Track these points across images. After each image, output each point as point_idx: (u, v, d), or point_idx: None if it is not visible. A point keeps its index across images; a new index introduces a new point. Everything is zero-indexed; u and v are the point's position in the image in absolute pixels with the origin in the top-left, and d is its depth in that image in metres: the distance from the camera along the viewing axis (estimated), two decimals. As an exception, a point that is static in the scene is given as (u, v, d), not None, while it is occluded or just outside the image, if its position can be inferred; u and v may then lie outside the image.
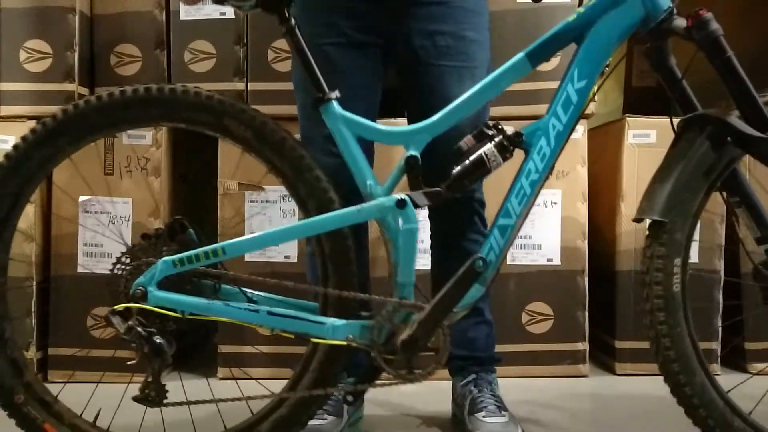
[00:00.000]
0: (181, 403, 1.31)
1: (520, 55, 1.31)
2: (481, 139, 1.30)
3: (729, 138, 1.24)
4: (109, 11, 2.23)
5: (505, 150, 1.29)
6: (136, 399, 1.29)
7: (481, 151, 1.29)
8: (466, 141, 1.30)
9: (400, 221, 1.31)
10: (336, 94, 1.33)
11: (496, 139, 1.29)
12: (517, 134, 1.30)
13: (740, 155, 1.28)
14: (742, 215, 1.34)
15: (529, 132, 1.30)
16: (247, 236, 1.35)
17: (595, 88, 1.31)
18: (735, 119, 1.23)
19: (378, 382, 1.36)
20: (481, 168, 1.29)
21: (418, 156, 1.31)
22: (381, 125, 1.40)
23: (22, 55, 2.15)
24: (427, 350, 1.31)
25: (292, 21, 1.32)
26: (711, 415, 1.28)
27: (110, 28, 2.22)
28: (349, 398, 1.49)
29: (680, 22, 1.24)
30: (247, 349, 2.09)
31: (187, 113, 1.33)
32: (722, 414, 1.28)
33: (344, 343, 1.30)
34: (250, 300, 1.34)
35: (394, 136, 1.38)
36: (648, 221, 1.30)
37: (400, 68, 1.65)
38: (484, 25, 1.63)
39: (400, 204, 1.30)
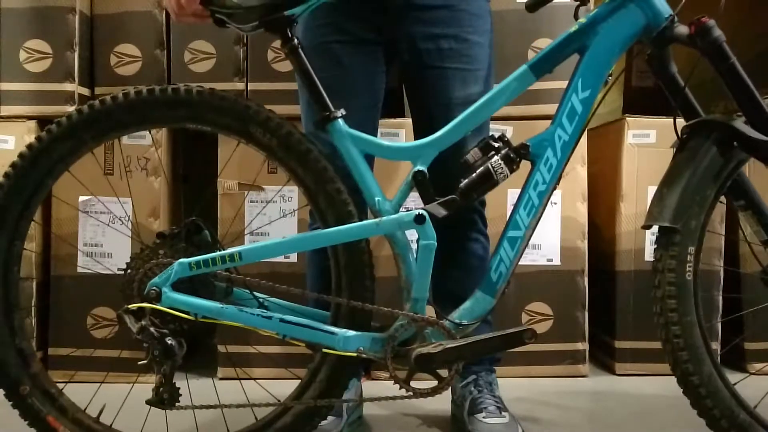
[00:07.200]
0: (191, 407, 1.31)
1: (524, 67, 1.32)
2: (488, 151, 1.30)
3: (735, 143, 1.24)
4: (109, 11, 2.22)
5: (511, 162, 1.30)
6: (149, 402, 1.27)
7: (488, 164, 1.29)
8: (473, 154, 1.31)
9: (416, 237, 1.30)
10: (342, 112, 1.32)
11: (503, 152, 1.30)
12: (523, 146, 1.31)
13: (746, 159, 1.29)
14: (747, 219, 1.34)
15: (535, 143, 1.31)
16: (264, 242, 1.34)
17: (600, 96, 1.32)
18: (741, 124, 1.24)
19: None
20: (489, 180, 1.30)
21: (425, 171, 1.32)
22: (387, 142, 1.41)
23: (22, 55, 2.15)
24: (436, 372, 1.33)
25: (295, 41, 1.32)
26: (717, 406, 1.28)
27: (110, 28, 2.22)
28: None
29: (682, 30, 1.25)
30: (248, 348, 2.09)
31: (213, 116, 1.32)
32: (728, 406, 1.28)
33: (354, 354, 1.30)
34: (261, 305, 1.34)
35: (401, 152, 1.38)
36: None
37: (404, 70, 1.67)
38: (487, 28, 1.64)
39: (419, 219, 1.29)
